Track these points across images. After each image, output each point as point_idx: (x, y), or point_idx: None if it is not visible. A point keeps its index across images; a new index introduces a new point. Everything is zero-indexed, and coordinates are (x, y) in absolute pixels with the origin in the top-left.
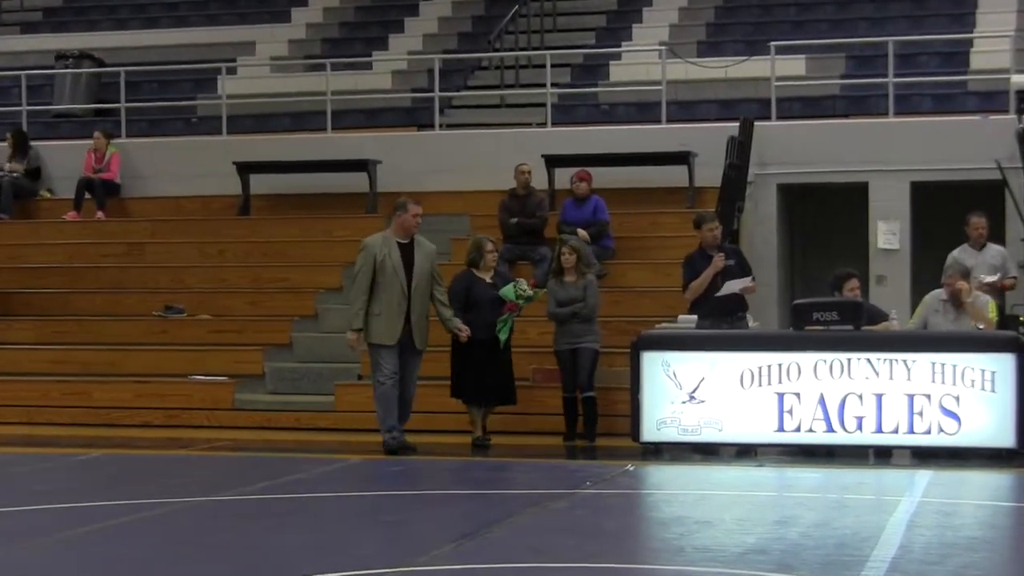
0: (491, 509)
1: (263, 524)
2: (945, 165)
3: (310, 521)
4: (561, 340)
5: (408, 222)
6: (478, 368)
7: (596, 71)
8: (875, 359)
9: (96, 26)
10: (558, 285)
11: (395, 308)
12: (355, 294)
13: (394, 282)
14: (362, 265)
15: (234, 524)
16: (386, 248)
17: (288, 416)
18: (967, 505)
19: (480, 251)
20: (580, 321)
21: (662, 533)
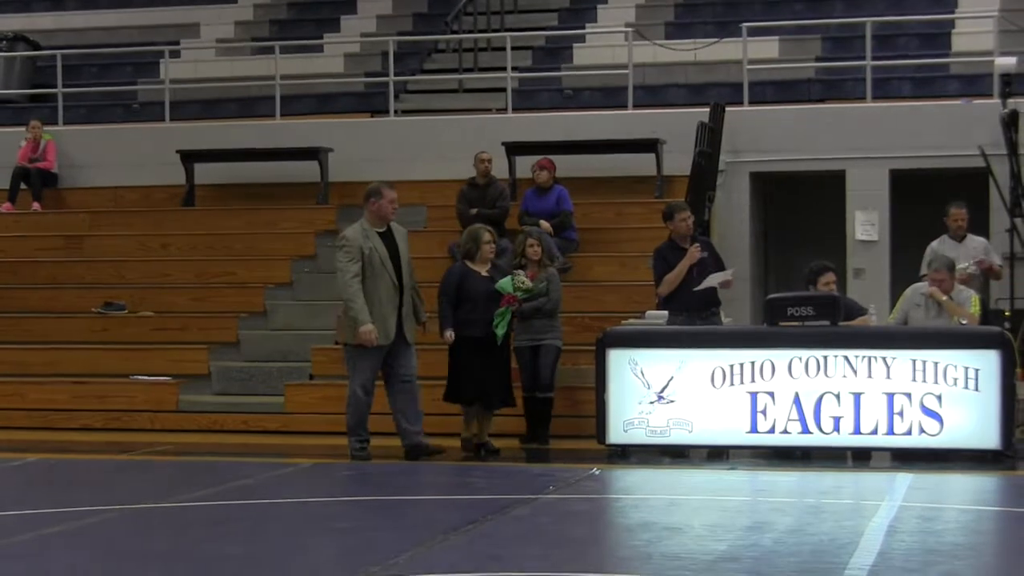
0: (450, 515)
1: (208, 532)
2: (926, 152)
3: (258, 529)
4: (521, 336)
5: (384, 208)
6: (477, 368)
7: (559, 54)
8: (853, 356)
9: (31, 7)
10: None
11: (387, 304)
12: (352, 291)
13: (383, 275)
14: (351, 258)
15: (177, 533)
16: (369, 240)
17: (235, 418)
18: (950, 509)
19: (476, 242)
20: (542, 316)
21: (629, 540)
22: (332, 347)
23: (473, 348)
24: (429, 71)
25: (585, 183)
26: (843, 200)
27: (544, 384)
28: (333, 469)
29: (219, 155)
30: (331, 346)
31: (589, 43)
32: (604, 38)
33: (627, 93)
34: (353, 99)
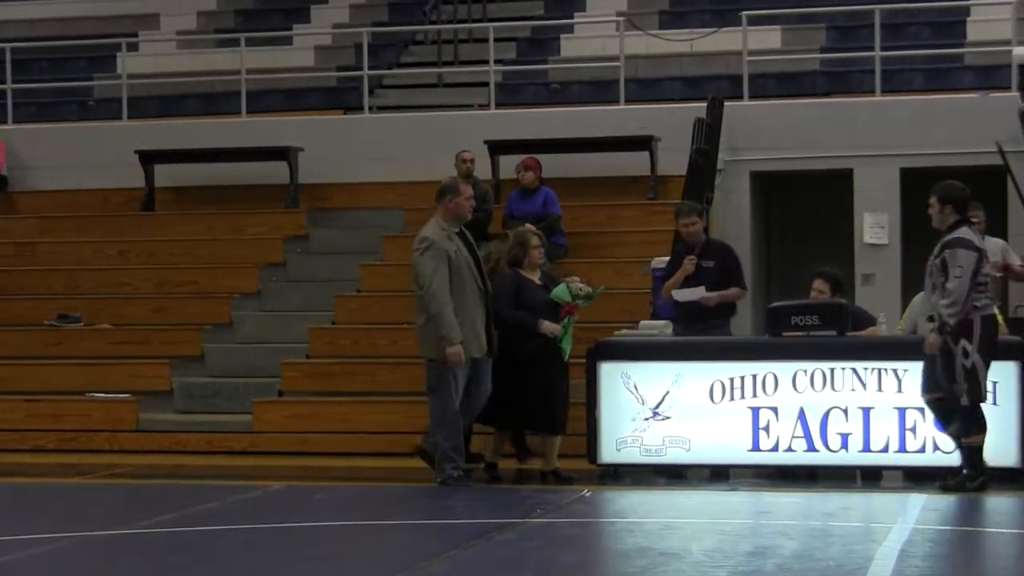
0: (430, 541)
1: (171, 561)
2: (939, 149)
3: (225, 557)
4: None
5: (462, 207)
6: (540, 387)
7: (545, 46)
8: (862, 369)
9: None
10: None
11: (476, 311)
12: (441, 303)
13: (470, 280)
14: (437, 265)
15: (137, 562)
16: (452, 242)
17: (199, 437)
18: (965, 532)
19: (524, 247)
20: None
21: (623, 567)
22: (302, 361)
23: (530, 365)
24: (406, 65)
25: (574, 184)
26: (850, 201)
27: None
28: (305, 492)
29: (181, 155)
30: (301, 360)
31: (578, 34)
32: (594, 28)
33: (618, 87)
34: (324, 95)
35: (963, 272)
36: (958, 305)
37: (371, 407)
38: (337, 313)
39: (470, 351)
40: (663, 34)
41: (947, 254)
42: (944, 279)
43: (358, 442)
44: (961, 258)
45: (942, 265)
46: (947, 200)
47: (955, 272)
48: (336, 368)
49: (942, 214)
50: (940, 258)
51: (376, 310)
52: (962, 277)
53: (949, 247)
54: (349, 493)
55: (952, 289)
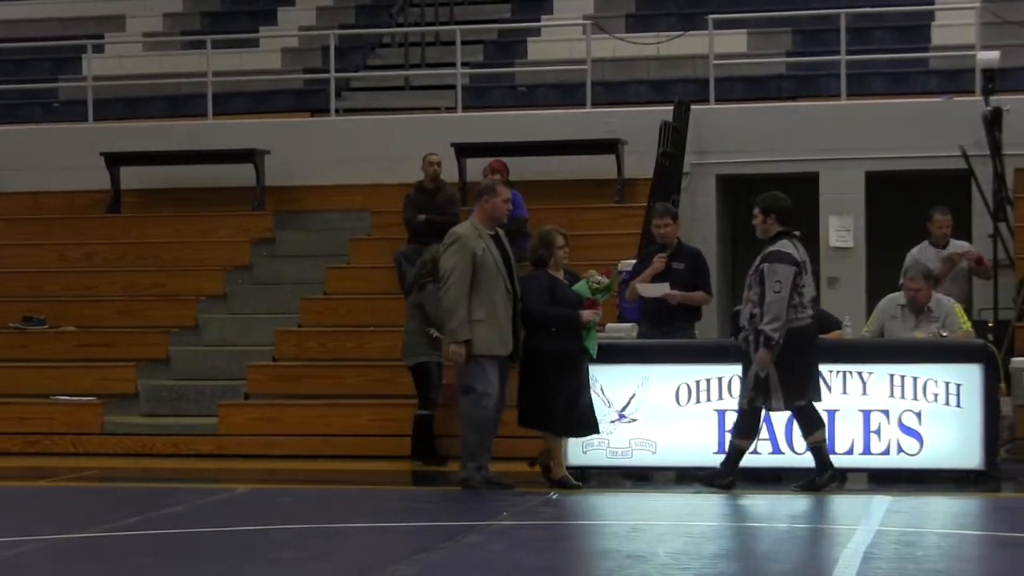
0: (397, 544)
1: (135, 564)
2: (904, 153)
3: (191, 560)
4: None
5: (499, 208)
6: (572, 389)
7: (512, 48)
8: (827, 372)
9: None
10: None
11: (502, 311)
12: (454, 298)
13: (497, 280)
14: (458, 262)
15: (102, 566)
16: (482, 241)
17: (165, 441)
18: (930, 534)
19: (550, 246)
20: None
21: (589, 569)
22: (269, 364)
23: (566, 365)
24: (373, 67)
25: (540, 186)
26: (816, 204)
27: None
28: (271, 495)
29: (146, 158)
30: (268, 363)
31: (544, 36)
32: (560, 31)
33: (585, 90)
34: (291, 97)
35: (781, 287)
36: (780, 320)
37: (337, 410)
38: (303, 316)
39: (492, 349)
40: (630, 37)
41: (765, 267)
42: (761, 291)
43: (324, 445)
44: (780, 273)
45: (760, 278)
46: (770, 210)
47: (773, 287)
48: (302, 371)
49: (765, 224)
50: (758, 270)
51: (343, 313)
52: (780, 292)
53: (768, 260)
54: (315, 496)
55: (770, 303)
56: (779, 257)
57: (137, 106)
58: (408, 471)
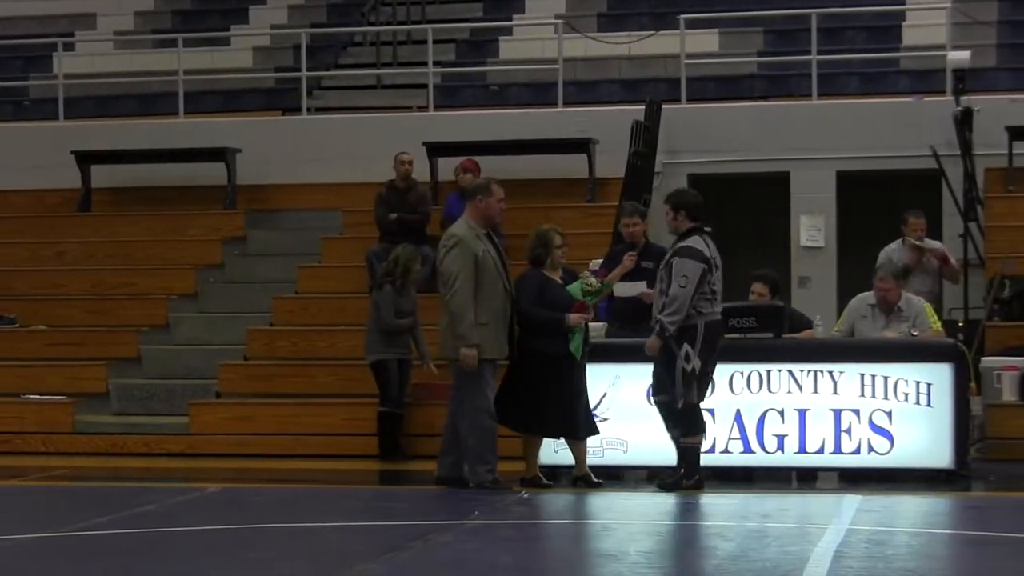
0: (368, 543)
1: (107, 564)
2: (875, 153)
3: (162, 560)
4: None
5: (493, 208)
6: (564, 392)
7: (484, 47)
8: (798, 371)
9: None
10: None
11: (501, 314)
12: (462, 302)
13: (496, 282)
14: (463, 265)
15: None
16: (481, 242)
17: (136, 440)
18: (900, 533)
19: (547, 245)
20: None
21: (561, 568)
22: (240, 363)
23: (560, 366)
24: (344, 66)
25: (512, 186)
26: (787, 203)
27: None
28: (243, 494)
29: (117, 156)
30: (239, 362)
31: (516, 36)
32: (532, 30)
33: (557, 89)
34: (263, 96)
35: (687, 282)
36: (679, 313)
37: (309, 409)
38: (275, 315)
39: (493, 353)
40: (601, 37)
41: (675, 262)
42: (668, 285)
43: (296, 444)
44: (688, 268)
45: (668, 271)
46: (680, 207)
47: (680, 281)
48: (274, 370)
49: (676, 220)
50: (668, 264)
51: (314, 312)
52: (686, 287)
53: (679, 255)
54: (287, 495)
55: (674, 296)
56: (689, 253)
57: (108, 104)
58: (380, 470)
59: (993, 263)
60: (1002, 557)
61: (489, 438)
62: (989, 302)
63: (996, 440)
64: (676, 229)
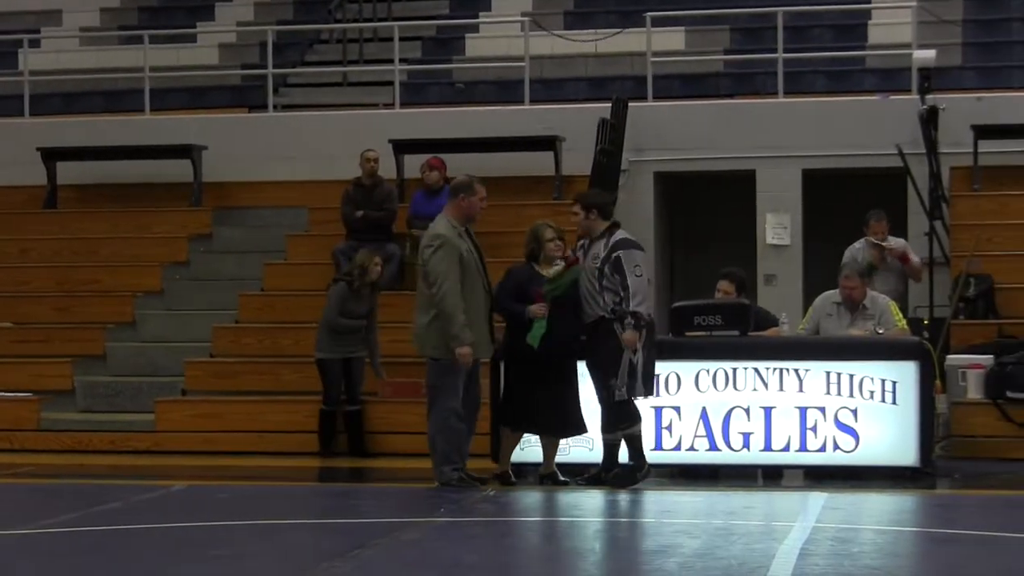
0: (334, 540)
1: (72, 562)
2: (840, 151)
3: (127, 557)
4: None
5: (475, 207)
6: (539, 388)
7: (450, 45)
8: (763, 368)
9: None
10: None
11: (482, 312)
12: (452, 302)
13: (477, 280)
14: (450, 266)
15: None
16: (463, 241)
17: (102, 437)
18: (865, 531)
19: (539, 240)
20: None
21: (526, 565)
22: (206, 360)
23: (532, 364)
24: (311, 63)
25: None
26: (753, 201)
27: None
28: (208, 492)
29: (83, 153)
30: (205, 359)
31: (483, 33)
32: (499, 28)
33: (523, 87)
34: (229, 93)
35: (642, 270)
36: (647, 301)
37: (275, 406)
38: (241, 312)
39: (478, 352)
40: (568, 34)
41: (621, 254)
42: (620, 279)
43: (262, 441)
44: (638, 257)
45: (616, 265)
46: (592, 206)
47: (635, 271)
48: (240, 367)
49: (588, 220)
50: (611, 260)
51: (280, 309)
52: (642, 276)
53: (620, 248)
54: (253, 492)
55: (635, 287)
56: (631, 244)
57: (74, 101)
58: (346, 467)
59: (958, 261)
60: (967, 554)
61: (456, 439)
62: (954, 300)
63: (961, 438)
64: (591, 228)
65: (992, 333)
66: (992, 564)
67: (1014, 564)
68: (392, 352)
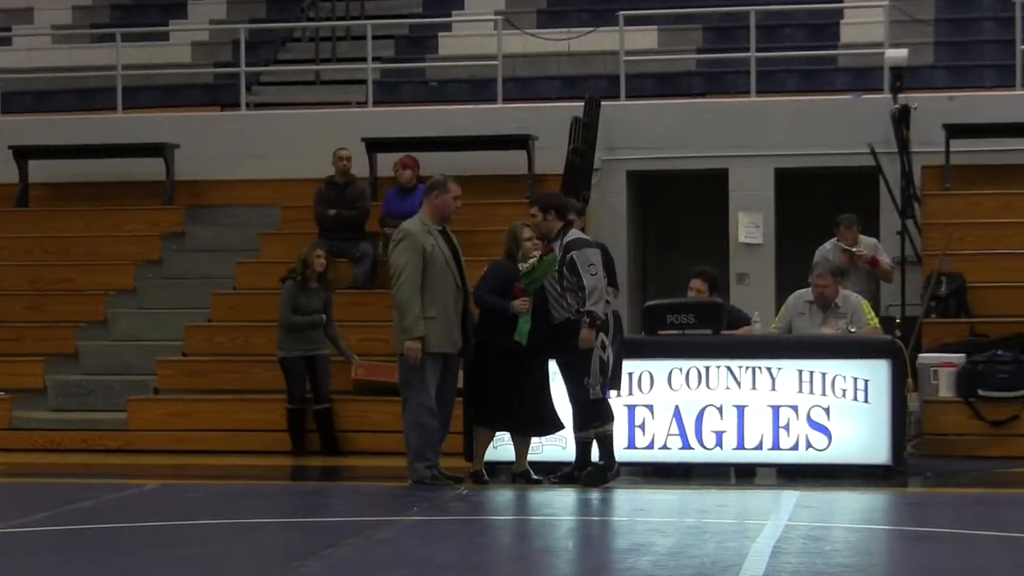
0: (307, 539)
1: (43, 560)
2: (813, 150)
3: (99, 556)
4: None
5: (448, 205)
6: (524, 386)
7: (423, 44)
8: (736, 367)
9: None
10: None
11: (452, 308)
12: (408, 294)
13: (447, 276)
14: (410, 258)
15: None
16: (431, 237)
17: (74, 436)
18: (838, 528)
19: (516, 239)
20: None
21: (500, 564)
22: (178, 359)
23: (509, 361)
24: (283, 61)
25: None
26: (726, 201)
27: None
28: (181, 491)
29: (55, 151)
30: (177, 358)
31: (456, 32)
32: (472, 27)
33: (496, 86)
34: (201, 91)
35: (597, 269)
36: (602, 300)
37: (247, 405)
38: (213, 311)
39: (443, 347)
40: (541, 33)
41: (575, 255)
42: (577, 279)
43: (234, 440)
44: (592, 256)
45: (571, 266)
46: (548, 207)
47: (589, 270)
48: (212, 366)
49: (546, 221)
50: (567, 261)
51: (252, 308)
52: (597, 274)
53: (574, 248)
54: (225, 491)
55: (592, 286)
56: (583, 243)
57: (46, 99)
58: (319, 466)
59: (930, 260)
60: (939, 552)
61: (428, 436)
62: (926, 299)
63: (933, 436)
64: (549, 229)
65: (964, 332)
66: (964, 561)
67: (985, 561)
68: (365, 351)
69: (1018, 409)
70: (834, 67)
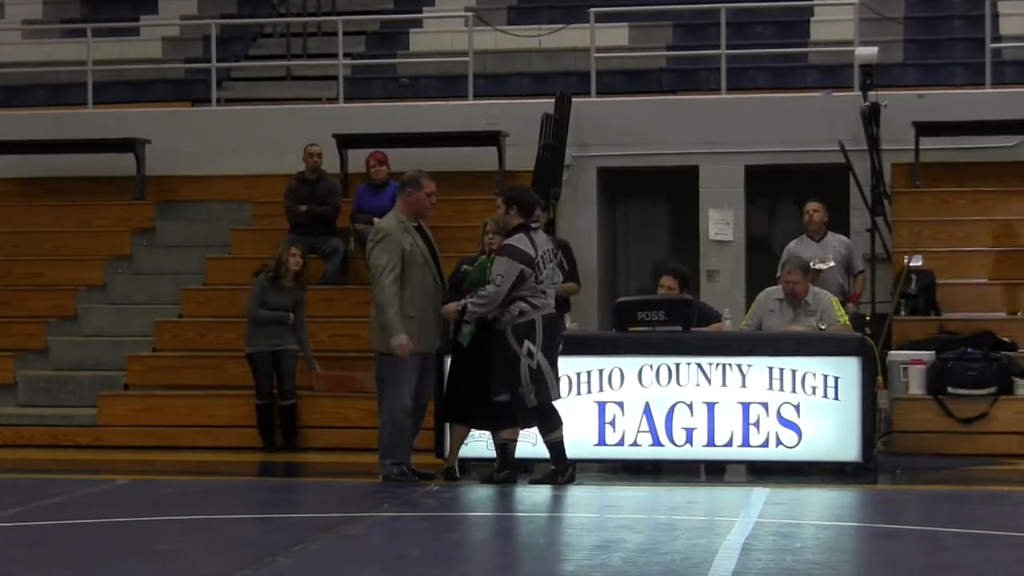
0: (276, 535)
1: (10, 557)
2: (783, 147)
3: (69, 552)
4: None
5: (422, 202)
6: (467, 380)
7: (394, 40)
8: (706, 364)
9: None
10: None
11: (430, 307)
12: (388, 295)
13: (426, 274)
14: (391, 257)
15: None
16: (409, 235)
17: (43, 431)
18: (808, 526)
19: (482, 236)
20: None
21: (470, 560)
22: (148, 355)
23: (478, 359)
24: (254, 57)
25: None
26: (696, 197)
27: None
28: (151, 486)
29: (25, 146)
30: (147, 353)
31: (427, 28)
32: (443, 23)
33: (467, 82)
34: (172, 87)
35: (502, 281)
36: (486, 308)
37: (218, 401)
38: (184, 306)
39: (420, 346)
40: (512, 30)
41: (495, 258)
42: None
43: (204, 436)
44: (504, 267)
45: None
46: (513, 201)
47: (495, 280)
48: (182, 361)
49: (508, 215)
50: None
51: (223, 303)
52: (500, 287)
53: (500, 252)
54: (195, 487)
55: (487, 294)
56: (509, 252)
57: (16, 94)
58: (290, 462)
59: (899, 257)
60: (908, 549)
61: (400, 435)
62: (896, 296)
63: (902, 433)
64: (508, 224)
65: (933, 329)
66: (933, 559)
67: (954, 558)
68: (334, 347)
69: (987, 406)
70: (804, 64)
